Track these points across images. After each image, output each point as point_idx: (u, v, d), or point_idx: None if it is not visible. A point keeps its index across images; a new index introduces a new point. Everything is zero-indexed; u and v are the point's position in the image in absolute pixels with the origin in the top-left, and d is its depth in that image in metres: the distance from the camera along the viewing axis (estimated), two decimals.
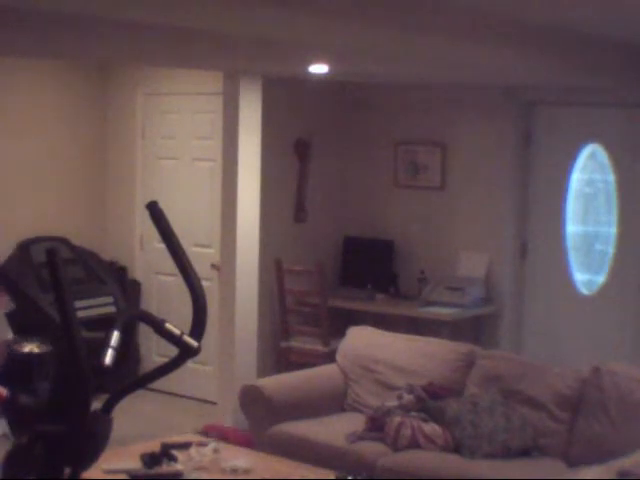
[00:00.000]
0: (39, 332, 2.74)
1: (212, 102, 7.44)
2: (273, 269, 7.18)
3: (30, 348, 2.65)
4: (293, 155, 7.65)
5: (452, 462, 4.92)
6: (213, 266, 7.42)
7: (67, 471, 2.55)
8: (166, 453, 4.35)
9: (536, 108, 7.25)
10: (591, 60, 5.66)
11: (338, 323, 6.94)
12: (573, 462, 4.87)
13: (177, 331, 2.73)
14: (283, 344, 7.24)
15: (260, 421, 5.50)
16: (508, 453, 4.96)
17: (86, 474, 2.61)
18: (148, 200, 2.88)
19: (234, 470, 4.33)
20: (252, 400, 5.55)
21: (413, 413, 5.20)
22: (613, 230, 7.01)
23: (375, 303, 7.37)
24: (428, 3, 4.20)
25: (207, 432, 5.89)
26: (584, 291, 7.12)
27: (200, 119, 7.76)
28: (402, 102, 7.74)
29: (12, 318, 6.73)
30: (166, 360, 2.80)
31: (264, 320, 7.13)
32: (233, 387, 6.26)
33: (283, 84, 7.10)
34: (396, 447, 5.06)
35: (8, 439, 2.67)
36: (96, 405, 2.61)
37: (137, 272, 8.15)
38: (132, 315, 3.24)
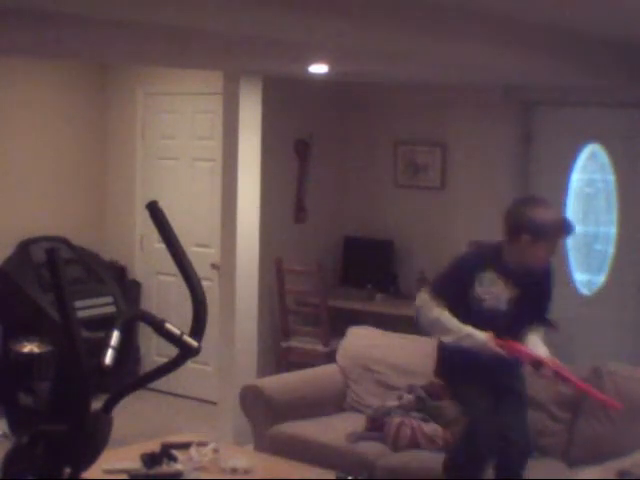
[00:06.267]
0: (39, 332, 2.74)
1: (212, 102, 7.44)
2: (273, 269, 7.17)
3: (30, 348, 2.65)
4: (293, 155, 7.64)
5: None
6: (213, 266, 7.41)
7: (67, 471, 2.56)
8: (166, 453, 4.35)
9: (536, 108, 7.24)
10: (591, 60, 5.66)
11: (338, 323, 6.93)
12: (573, 462, 4.87)
13: (177, 331, 2.73)
14: (283, 344, 7.24)
15: (260, 421, 5.50)
16: None
17: (86, 474, 2.61)
18: (148, 200, 2.88)
19: (234, 470, 4.33)
20: (252, 400, 5.55)
21: (413, 413, 5.19)
22: (613, 230, 7.00)
23: (375, 303, 7.36)
24: (428, 3, 4.21)
25: None
26: (584, 291, 7.11)
27: (200, 119, 7.76)
28: (402, 102, 7.73)
29: (13, 317, 6.73)
30: (166, 360, 2.80)
31: (264, 320, 7.12)
32: (233, 387, 6.25)
33: (283, 84, 7.09)
34: (396, 447, 5.06)
35: (8, 439, 2.67)
36: (96, 405, 2.61)
37: (137, 272, 8.14)
38: (132, 315, 3.25)
